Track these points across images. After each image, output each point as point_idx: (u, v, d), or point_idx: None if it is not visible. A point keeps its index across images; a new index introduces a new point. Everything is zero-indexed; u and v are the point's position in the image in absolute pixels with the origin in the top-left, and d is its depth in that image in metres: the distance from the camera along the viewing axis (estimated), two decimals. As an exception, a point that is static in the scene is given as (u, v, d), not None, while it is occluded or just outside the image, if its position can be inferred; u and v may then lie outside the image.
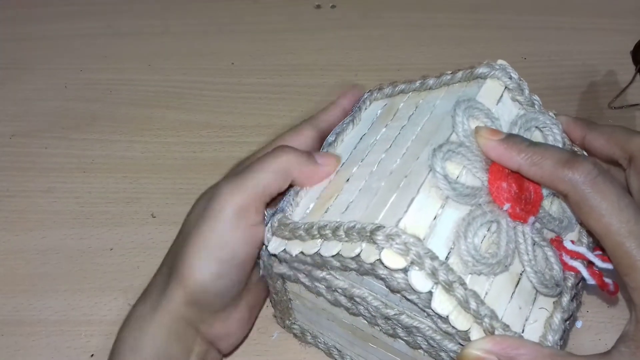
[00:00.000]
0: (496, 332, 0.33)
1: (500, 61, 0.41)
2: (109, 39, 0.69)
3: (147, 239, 0.55)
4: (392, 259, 0.32)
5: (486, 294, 0.34)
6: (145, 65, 0.67)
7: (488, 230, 0.35)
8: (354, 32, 0.70)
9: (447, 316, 0.32)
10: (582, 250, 0.38)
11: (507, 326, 0.33)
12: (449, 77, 0.41)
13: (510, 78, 0.40)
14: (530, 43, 0.68)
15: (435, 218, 0.34)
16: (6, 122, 0.62)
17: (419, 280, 0.32)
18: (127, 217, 0.56)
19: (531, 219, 0.36)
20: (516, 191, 0.36)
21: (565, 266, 0.37)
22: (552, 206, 0.39)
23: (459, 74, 0.41)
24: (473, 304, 0.32)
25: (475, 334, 0.33)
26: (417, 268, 0.32)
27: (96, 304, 0.51)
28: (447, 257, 0.33)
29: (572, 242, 0.39)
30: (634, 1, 0.71)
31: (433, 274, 0.32)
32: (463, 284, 0.32)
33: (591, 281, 0.37)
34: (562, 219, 0.39)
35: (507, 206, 0.35)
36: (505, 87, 0.40)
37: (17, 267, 0.53)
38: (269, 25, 0.71)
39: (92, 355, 0.49)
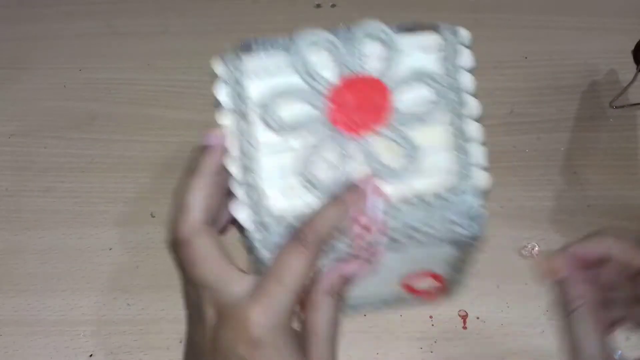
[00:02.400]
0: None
1: (464, 31, 0.40)
2: (108, 39, 0.69)
3: (147, 239, 0.54)
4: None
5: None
6: (145, 65, 0.66)
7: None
8: (354, 32, 0.70)
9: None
10: (374, 211, 0.38)
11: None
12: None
13: (450, 43, 0.39)
14: (531, 42, 0.67)
15: None
16: (5, 122, 0.62)
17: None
18: (126, 217, 0.56)
19: (343, 131, 0.38)
20: (352, 106, 0.38)
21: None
22: (386, 151, 0.39)
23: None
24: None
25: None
26: None
27: (95, 304, 0.51)
28: None
29: (380, 194, 0.38)
30: (635, 0, 0.71)
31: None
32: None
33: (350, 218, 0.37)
34: (385, 165, 0.39)
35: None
36: (440, 46, 0.39)
37: (15, 266, 0.53)
38: (269, 25, 0.71)
39: (91, 355, 0.49)
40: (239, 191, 0.38)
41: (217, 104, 0.40)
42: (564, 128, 0.61)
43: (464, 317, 0.50)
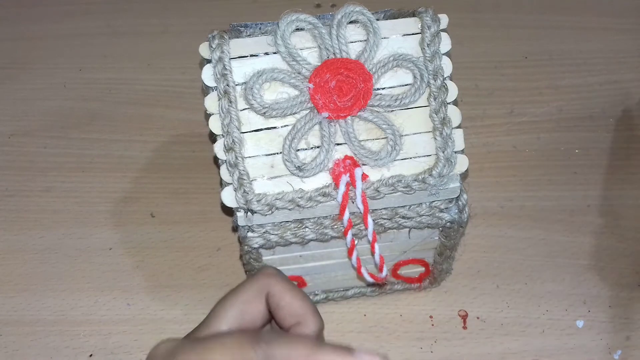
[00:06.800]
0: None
1: (442, 16, 0.41)
2: (108, 39, 0.69)
3: (146, 239, 0.54)
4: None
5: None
6: (145, 65, 0.66)
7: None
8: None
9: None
10: (358, 190, 0.39)
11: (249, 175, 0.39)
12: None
13: (429, 28, 0.40)
14: (531, 42, 0.67)
15: None
16: (5, 122, 0.62)
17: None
18: (126, 217, 0.56)
19: (325, 114, 0.39)
20: (333, 89, 0.39)
21: (334, 176, 0.39)
22: (367, 134, 0.40)
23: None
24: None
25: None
26: None
27: (95, 304, 0.51)
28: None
29: (365, 176, 0.39)
30: (635, 0, 0.71)
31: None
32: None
33: (338, 198, 0.39)
34: (366, 148, 0.39)
35: (311, 85, 0.39)
36: (421, 31, 0.40)
37: (15, 266, 0.53)
38: (268, 24, 0.71)
39: (90, 355, 0.49)
40: (223, 171, 0.39)
41: (204, 89, 0.41)
42: (564, 128, 0.61)
43: (464, 317, 0.50)
